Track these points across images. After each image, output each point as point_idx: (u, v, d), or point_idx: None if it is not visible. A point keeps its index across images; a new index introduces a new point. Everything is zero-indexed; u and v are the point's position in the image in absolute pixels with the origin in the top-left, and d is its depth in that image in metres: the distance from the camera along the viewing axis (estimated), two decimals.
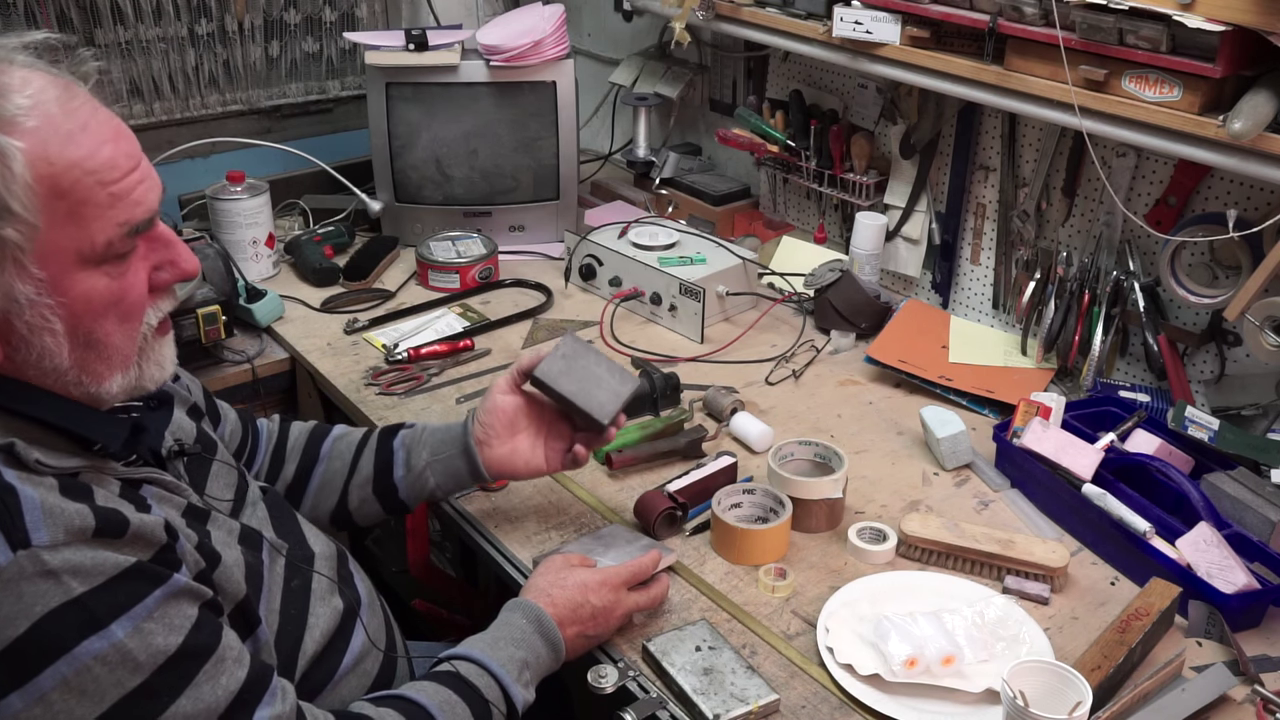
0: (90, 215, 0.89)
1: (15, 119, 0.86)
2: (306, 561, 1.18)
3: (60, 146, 0.88)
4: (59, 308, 0.90)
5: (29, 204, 0.86)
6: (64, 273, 0.89)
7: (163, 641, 0.89)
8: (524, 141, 2.26)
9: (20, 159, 0.85)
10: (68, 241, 0.89)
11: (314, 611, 1.14)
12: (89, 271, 0.91)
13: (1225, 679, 1.21)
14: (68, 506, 0.87)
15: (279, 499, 1.29)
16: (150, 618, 0.88)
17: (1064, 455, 1.49)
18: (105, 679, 0.85)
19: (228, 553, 1.04)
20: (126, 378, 0.97)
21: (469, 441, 1.36)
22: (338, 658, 1.16)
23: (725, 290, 2.01)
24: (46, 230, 0.87)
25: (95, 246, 0.90)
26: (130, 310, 0.95)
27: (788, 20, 1.94)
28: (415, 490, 1.39)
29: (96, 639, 0.85)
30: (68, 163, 0.88)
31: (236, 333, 1.94)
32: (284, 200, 2.35)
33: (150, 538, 0.91)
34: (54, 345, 0.91)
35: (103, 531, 0.88)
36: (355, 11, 2.56)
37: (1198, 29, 1.38)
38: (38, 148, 0.86)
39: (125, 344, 0.96)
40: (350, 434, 1.44)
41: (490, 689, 1.13)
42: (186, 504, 1.05)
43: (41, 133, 0.87)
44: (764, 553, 1.41)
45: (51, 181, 0.87)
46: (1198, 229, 1.60)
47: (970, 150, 1.96)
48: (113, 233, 0.91)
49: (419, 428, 1.42)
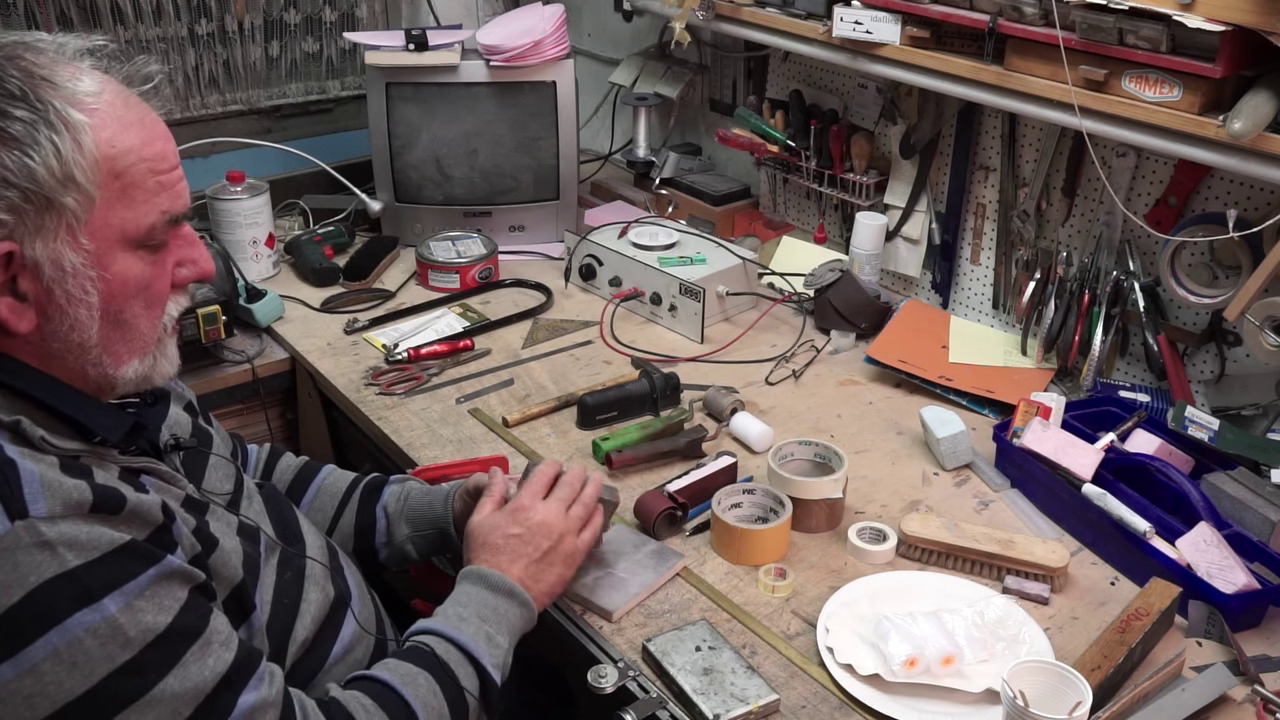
0: (139, 199, 0.96)
1: (85, 100, 0.93)
2: (300, 554, 1.20)
3: (123, 131, 0.94)
4: (99, 281, 0.95)
5: (91, 177, 0.92)
6: (109, 249, 0.95)
7: (152, 619, 0.90)
8: (524, 141, 2.26)
9: (89, 135, 0.92)
10: (116, 220, 0.95)
11: (306, 599, 1.16)
12: (129, 252, 0.96)
13: (1225, 679, 1.21)
14: (66, 481, 0.88)
15: (275, 492, 1.30)
16: (142, 595, 0.89)
17: (1064, 455, 1.49)
18: (96, 652, 0.86)
19: (226, 540, 1.06)
20: (142, 364, 1.01)
21: (449, 527, 1.37)
22: (328, 646, 1.17)
23: (725, 290, 2.01)
24: (101, 205, 0.93)
25: (140, 229, 0.96)
26: (156, 297, 1.01)
27: (788, 20, 1.94)
28: (396, 558, 1.41)
29: (89, 611, 0.86)
30: (127, 147, 0.94)
31: (236, 333, 1.94)
32: (284, 200, 2.35)
33: (147, 516, 0.93)
34: (87, 319, 0.95)
35: (100, 507, 0.89)
36: (355, 11, 2.56)
37: (1198, 29, 1.38)
38: (104, 128, 0.93)
39: (148, 330, 1.01)
40: (338, 481, 1.44)
41: (449, 653, 1.13)
42: (185, 495, 1.06)
43: (106, 116, 0.94)
44: (764, 553, 1.41)
45: (111, 161, 0.93)
46: (1198, 229, 1.60)
47: (970, 150, 1.96)
48: (156, 218, 0.97)
49: (402, 493, 1.41)
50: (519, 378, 1.85)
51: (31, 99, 0.90)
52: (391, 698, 1.08)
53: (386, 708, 1.07)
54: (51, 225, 0.91)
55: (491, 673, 1.15)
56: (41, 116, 0.90)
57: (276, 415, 2.03)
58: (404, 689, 1.09)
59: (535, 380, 1.84)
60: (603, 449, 1.60)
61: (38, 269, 0.92)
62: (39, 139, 0.89)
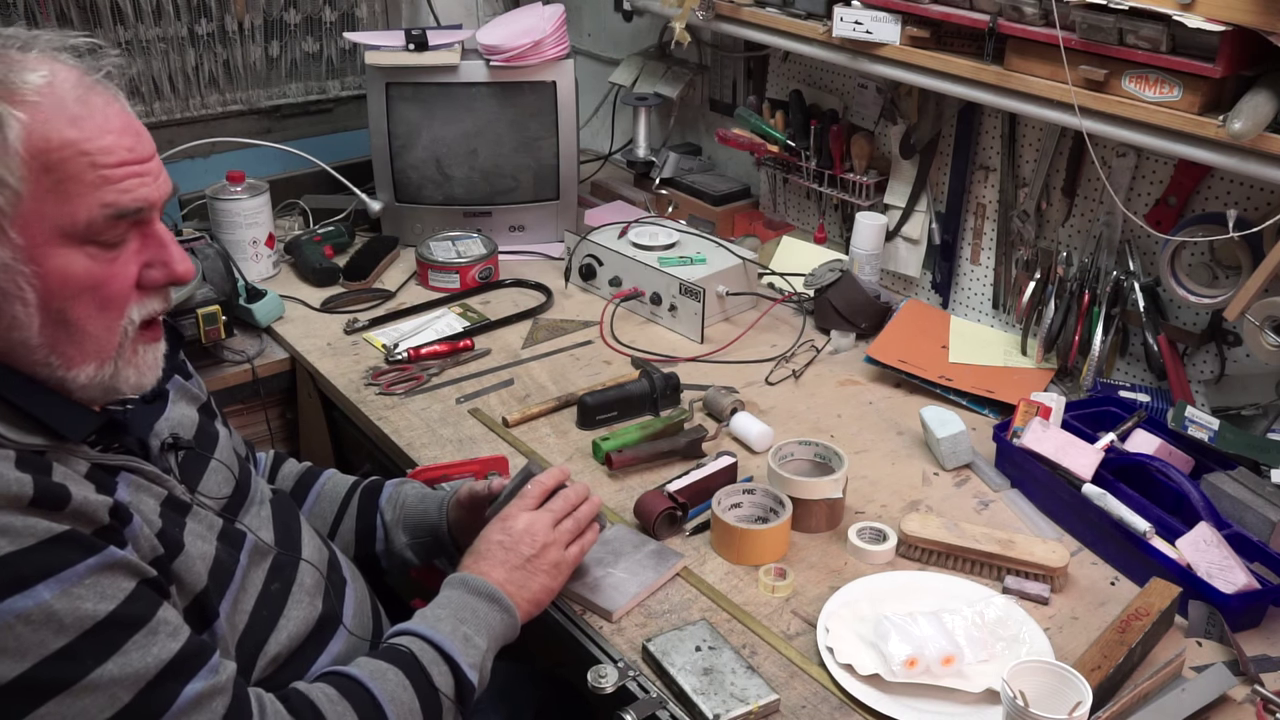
0: (74, 192, 0.92)
1: (22, 92, 0.91)
2: (292, 566, 1.18)
3: (60, 126, 0.91)
4: (33, 277, 0.92)
5: (16, 171, 0.90)
6: (42, 243, 0.92)
7: (92, 607, 0.89)
8: (524, 141, 2.26)
9: (16, 128, 0.90)
10: (50, 214, 0.92)
11: (287, 615, 1.14)
12: (70, 249, 0.93)
13: (1225, 679, 1.21)
14: (9, 475, 0.88)
15: (287, 501, 1.29)
16: (80, 583, 0.88)
17: (1064, 455, 1.49)
18: (28, 638, 0.86)
19: (196, 545, 1.04)
20: (101, 371, 0.98)
21: (444, 535, 1.37)
22: (308, 662, 1.15)
23: (725, 290, 2.01)
24: (30, 199, 0.91)
25: (76, 224, 0.92)
26: (111, 299, 0.96)
27: (788, 20, 1.94)
28: (398, 564, 1.40)
29: (21, 598, 0.85)
30: (62, 140, 0.91)
31: (236, 333, 1.93)
32: (284, 200, 2.35)
33: (91, 516, 0.92)
34: (24, 316, 0.93)
35: (39, 503, 0.88)
36: (355, 11, 2.56)
37: (1198, 29, 1.38)
38: (38, 122, 0.91)
39: (103, 334, 0.97)
40: (337, 486, 1.44)
41: (424, 651, 1.12)
42: (167, 495, 1.05)
43: (45, 109, 0.91)
44: (764, 553, 1.41)
45: (44, 156, 0.91)
46: (1198, 229, 1.60)
47: (970, 150, 1.96)
48: (95, 213, 0.93)
49: (397, 500, 1.41)
50: (519, 378, 1.85)
51: None
52: (358, 691, 1.07)
53: (352, 700, 1.05)
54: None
55: (468, 672, 1.13)
56: None
57: (276, 415, 2.03)
58: (372, 683, 1.07)
59: (535, 380, 1.84)
60: (603, 449, 1.60)
61: None
62: None
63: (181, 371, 1.24)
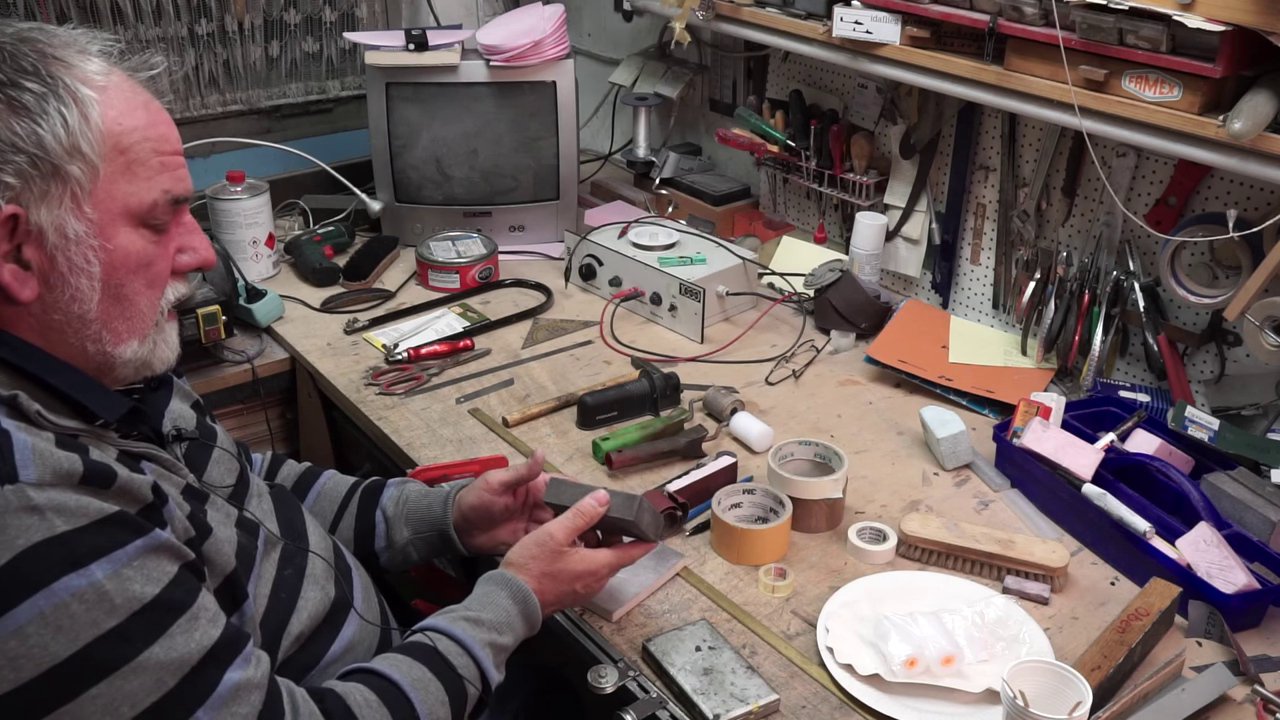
0: (143, 175, 0.99)
1: (96, 78, 0.97)
2: (302, 555, 1.19)
3: (129, 111, 0.99)
4: (101, 251, 0.97)
5: (97, 148, 0.95)
6: (111, 220, 0.98)
7: (140, 589, 0.90)
8: (524, 141, 2.26)
9: (97, 109, 0.96)
10: (120, 193, 0.98)
11: (304, 596, 1.15)
12: (131, 227, 0.99)
13: (1225, 679, 1.21)
14: (58, 453, 0.89)
15: (285, 493, 1.30)
16: (129, 564, 0.90)
17: (1064, 455, 1.49)
18: (82, 617, 0.87)
19: (222, 530, 1.06)
20: (142, 347, 1.03)
21: (449, 530, 1.37)
22: (325, 644, 1.16)
23: (725, 290, 2.01)
24: (105, 177, 0.97)
25: (142, 204, 0.99)
26: (157, 277, 1.03)
27: (788, 20, 1.94)
28: (397, 562, 1.40)
29: (76, 576, 0.86)
30: (132, 125, 0.98)
31: (236, 333, 1.93)
32: (284, 200, 2.35)
33: (136, 493, 0.93)
34: (88, 289, 0.98)
35: (89, 480, 0.90)
36: (355, 11, 2.56)
37: (1198, 29, 1.38)
38: (111, 106, 0.97)
39: (148, 309, 1.03)
40: (337, 485, 1.44)
41: (468, 669, 1.13)
42: (185, 484, 1.07)
43: (115, 95, 0.98)
44: (764, 553, 1.41)
45: (117, 137, 0.97)
46: (1198, 229, 1.60)
47: (970, 150, 1.96)
48: (159, 196, 1.00)
49: (400, 496, 1.41)
50: (519, 378, 1.85)
51: (43, 74, 0.94)
52: (397, 698, 1.07)
53: (391, 707, 1.06)
54: (56, 192, 0.94)
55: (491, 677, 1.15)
56: (51, 90, 0.94)
57: (276, 415, 2.03)
58: (413, 694, 1.08)
59: (535, 380, 1.84)
60: (603, 449, 1.60)
61: (42, 235, 0.94)
62: (48, 110, 0.93)
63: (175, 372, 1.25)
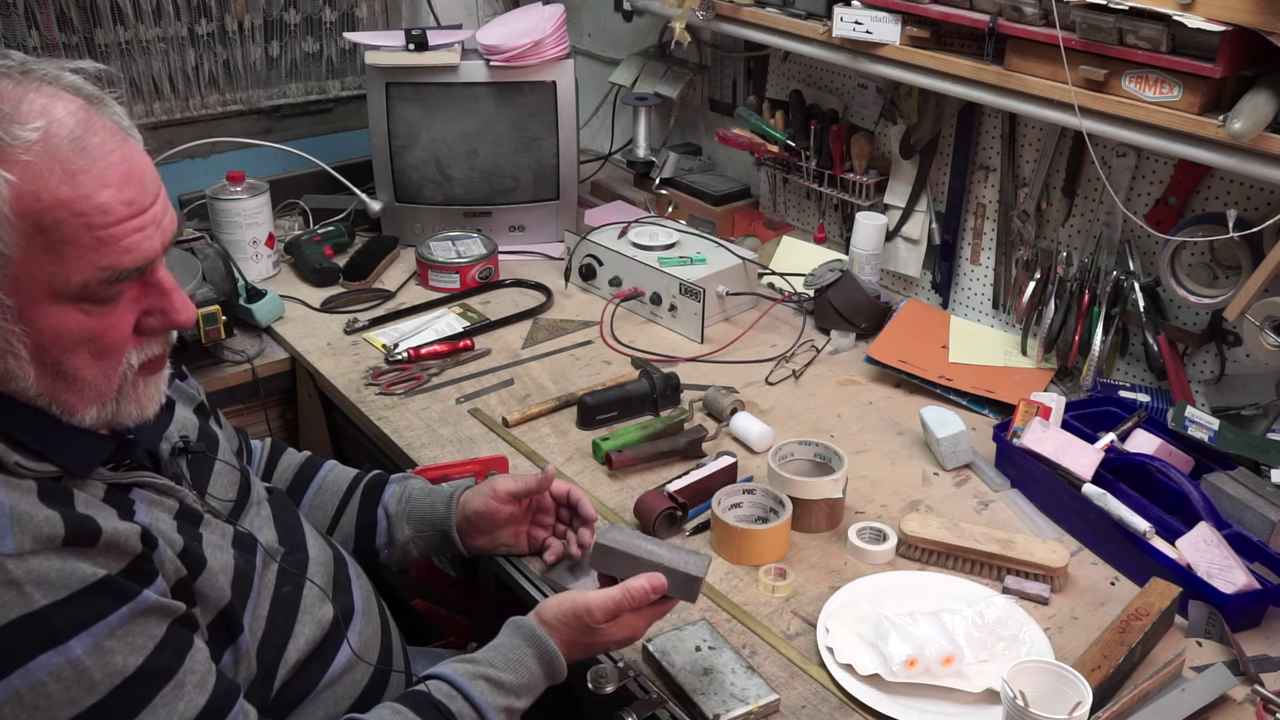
0: (70, 255, 0.88)
1: (13, 150, 0.86)
2: (300, 568, 1.17)
3: (53, 184, 0.87)
4: (25, 335, 0.89)
5: (4, 235, 0.86)
6: (33, 303, 0.89)
7: (122, 661, 0.88)
8: (524, 141, 2.26)
9: (6, 191, 0.85)
10: (43, 274, 0.88)
11: (301, 620, 1.13)
12: (61, 306, 0.90)
13: (1225, 679, 1.21)
14: (39, 513, 0.86)
15: (284, 499, 1.28)
16: (113, 635, 0.87)
17: (1064, 455, 1.49)
18: (59, 696, 0.84)
19: (216, 558, 1.03)
20: (103, 411, 0.96)
21: (451, 531, 1.36)
22: (321, 667, 1.14)
23: (725, 290, 2.01)
24: (21, 261, 0.87)
25: (70, 285, 0.89)
26: (107, 349, 0.94)
27: (788, 20, 1.94)
28: (398, 560, 1.40)
29: (54, 654, 0.84)
30: (56, 200, 0.87)
31: (236, 333, 1.93)
32: (284, 200, 2.35)
33: (124, 547, 0.90)
34: (18, 369, 0.91)
35: (72, 540, 0.87)
36: (355, 11, 2.56)
37: (1198, 29, 1.38)
38: (29, 182, 0.86)
39: (101, 380, 0.95)
40: (339, 479, 1.42)
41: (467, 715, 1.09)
42: (180, 506, 1.04)
43: (36, 168, 0.86)
44: (764, 553, 1.41)
45: (35, 217, 0.86)
46: (1198, 229, 1.60)
47: (970, 150, 1.96)
48: (91, 275, 0.89)
49: (403, 493, 1.39)
50: (519, 378, 1.85)
51: None
52: None
53: None
54: None
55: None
56: None
57: (276, 415, 2.03)
58: None
59: (535, 380, 1.84)
60: (603, 449, 1.60)
61: None
62: None
63: (178, 374, 1.24)
